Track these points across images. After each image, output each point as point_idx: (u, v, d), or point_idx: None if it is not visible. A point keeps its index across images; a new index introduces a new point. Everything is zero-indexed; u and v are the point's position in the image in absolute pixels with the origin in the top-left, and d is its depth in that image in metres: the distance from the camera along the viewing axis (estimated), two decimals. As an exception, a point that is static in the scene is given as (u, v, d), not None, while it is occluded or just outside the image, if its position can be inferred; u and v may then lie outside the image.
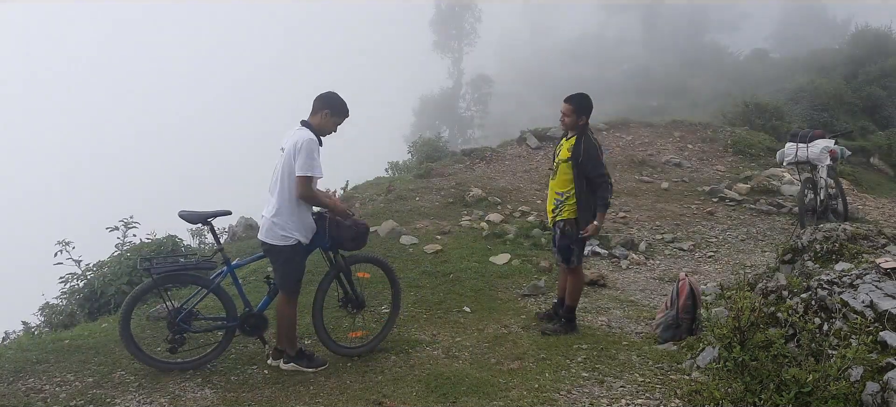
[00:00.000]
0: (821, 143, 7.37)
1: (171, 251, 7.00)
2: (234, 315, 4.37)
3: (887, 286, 3.43)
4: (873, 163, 14.00)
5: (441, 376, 4.24)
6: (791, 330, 3.53)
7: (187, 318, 4.26)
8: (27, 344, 4.81)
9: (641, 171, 10.71)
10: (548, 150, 11.62)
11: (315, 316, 4.44)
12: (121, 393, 4.03)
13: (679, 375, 4.17)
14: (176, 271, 4.24)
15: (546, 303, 5.84)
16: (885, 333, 3.10)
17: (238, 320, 4.37)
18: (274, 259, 4.26)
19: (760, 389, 3.13)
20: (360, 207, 9.10)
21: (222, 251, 4.46)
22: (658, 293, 6.16)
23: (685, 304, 4.82)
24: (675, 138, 12.44)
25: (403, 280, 6.31)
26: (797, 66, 27.63)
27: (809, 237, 4.90)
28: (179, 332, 4.22)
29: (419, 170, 10.51)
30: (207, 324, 4.55)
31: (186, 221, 4.39)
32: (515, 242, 7.46)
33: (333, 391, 4.11)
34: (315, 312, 4.44)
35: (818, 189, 7.44)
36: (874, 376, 2.92)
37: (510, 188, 9.71)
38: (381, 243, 7.28)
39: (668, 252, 7.52)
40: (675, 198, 9.57)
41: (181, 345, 4.25)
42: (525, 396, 3.92)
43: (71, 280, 6.72)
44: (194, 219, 4.38)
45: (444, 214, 8.51)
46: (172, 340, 4.20)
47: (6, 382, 4.11)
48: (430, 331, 5.17)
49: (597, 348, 4.68)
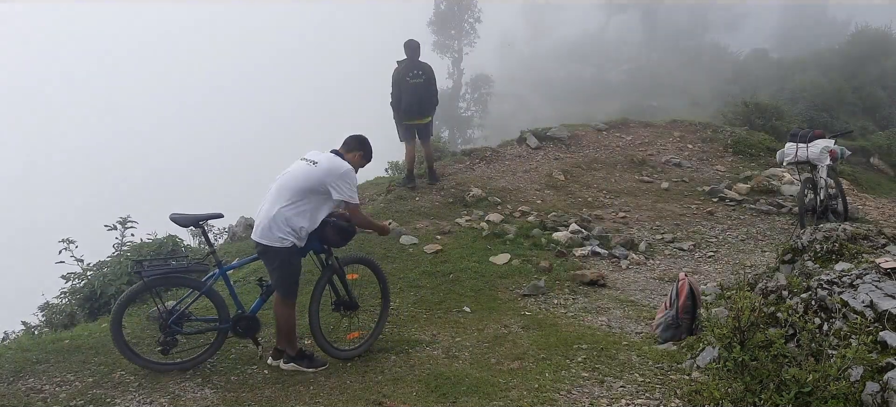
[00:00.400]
0: (821, 143, 7.37)
1: (170, 251, 7.01)
2: (226, 317, 4.37)
3: (887, 286, 3.43)
4: (873, 163, 14.00)
5: (441, 376, 4.24)
6: (791, 330, 3.53)
7: (179, 320, 4.26)
8: (27, 344, 4.81)
9: (641, 171, 10.71)
10: (548, 151, 11.62)
11: (312, 321, 4.43)
12: (121, 393, 4.03)
13: (679, 375, 4.17)
14: (167, 274, 4.24)
15: (546, 302, 5.85)
16: (885, 333, 3.10)
17: (230, 322, 4.37)
18: (270, 261, 4.26)
19: (760, 389, 3.13)
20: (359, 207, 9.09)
21: (214, 254, 4.47)
22: (658, 293, 6.16)
23: (685, 304, 4.83)
24: (675, 138, 12.44)
25: (403, 280, 6.32)
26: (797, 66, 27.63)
27: (809, 237, 4.90)
28: (171, 334, 4.22)
29: (419, 169, 10.50)
30: (199, 326, 4.54)
31: (177, 223, 4.41)
32: (515, 242, 7.46)
33: (333, 391, 4.12)
34: (312, 317, 4.42)
35: (818, 189, 7.44)
36: (874, 376, 2.92)
37: (510, 188, 9.72)
38: (381, 243, 7.28)
39: (668, 252, 7.52)
40: (675, 198, 9.57)
41: (173, 346, 4.25)
42: (525, 396, 3.92)
43: (72, 279, 6.73)
44: (185, 222, 4.39)
45: (443, 213, 8.51)
46: (164, 342, 4.20)
47: (6, 382, 4.11)
48: (430, 331, 5.18)
49: (597, 348, 4.68)
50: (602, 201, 9.38)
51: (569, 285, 6.27)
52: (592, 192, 9.76)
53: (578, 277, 6.42)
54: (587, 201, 9.33)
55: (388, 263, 6.72)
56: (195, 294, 4.36)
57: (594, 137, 12.45)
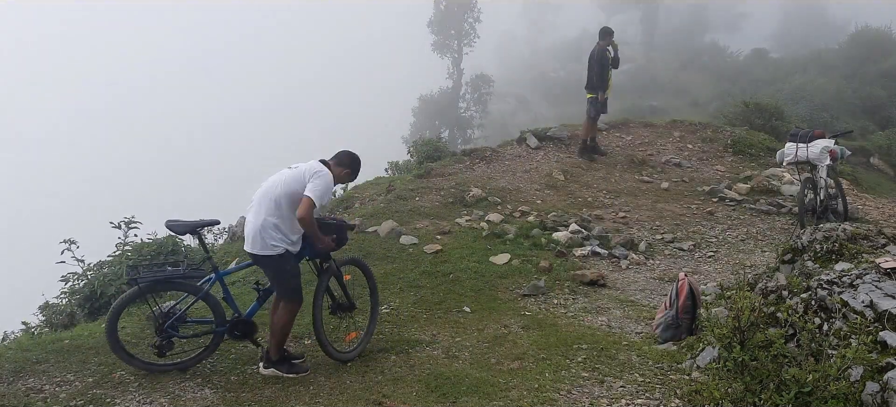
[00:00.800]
0: (821, 143, 7.37)
1: (170, 252, 7.01)
2: (222, 321, 4.36)
3: (887, 286, 3.43)
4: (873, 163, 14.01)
5: (441, 376, 4.24)
6: (791, 330, 3.53)
7: (175, 322, 4.25)
8: (27, 344, 4.81)
9: (641, 171, 10.71)
10: (548, 151, 11.62)
11: (316, 326, 4.41)
12: (121, 393, 4.03)
13: (679, 375, 4.17)
14: (162, 280, 4.23)
15: (546, 302, 5.85)
16: (884, 333, 3.10)
17: (226, 326, 4.36)
18: (265, 269, 4.26)
19: (760, 389, 3.13)
20: (359, 207, 9.11)
21: (211, 259, 4.47)
22: (658, 293, 6.16)
23: (684, 304, 4.83)
24: (675, 138, 12.44)
25: (403, 280, 6.31)
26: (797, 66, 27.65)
27: (809, 237, 4.90)
28: (167, 336, 4.22)
29: (419, 170, 10.50)
30: (196, 328, 4.53)
31: (174, 231, 4.40)
32: (515, 242, 7.46)
33: (333, 391, 4.12)
34: (316, 323, 4.40)
35: (818, 189, 7.44)
36: (874, 376, 2.92)
37: (510, 188, 9.72)
38: (381, 243, 7.29)
39: (667, 252, 7.52)
40: (675, 198, 9.57)
41: (169, 349, 4.24)
42: (525, 396, 3.92)
43: (72, 279, 6.73)
44: (182, 229, 4.37)
45: (443, 213, 8.51)
46: (160, 345, 4.20)
47: (6, 382, 4.11)
48: (430, 331, 5.17)
49: (597, 348, 4.68)
50: (602, 201, 9.38)
51: (569, 285, 6.27)
52: (592, 192, 9.76)
53: (578, 277, 6.42)
54: (587, 201, 9.33)
55: (388, 263, 6.72)
56: (191, 298, 4.36)
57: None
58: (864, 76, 22.70)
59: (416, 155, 12.46)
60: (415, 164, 12.02)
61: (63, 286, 6.79)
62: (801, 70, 25.73)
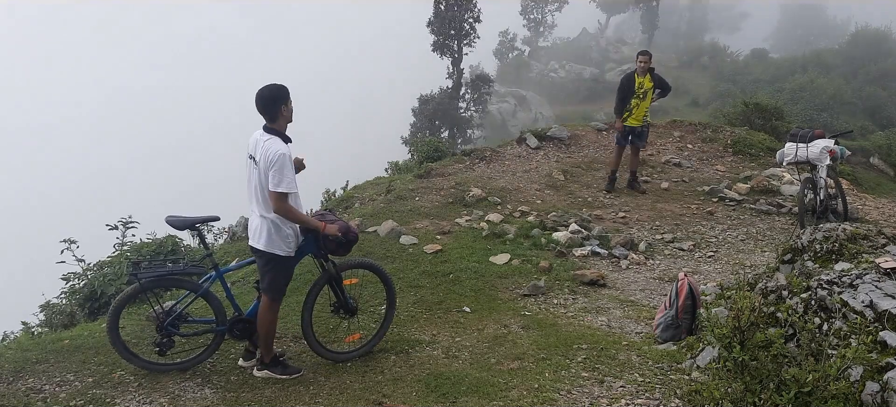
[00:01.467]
0: (821, 143, 7.37)
1: (170, 251, 7.01)
2: (223, 319, 4.35)
3: (887, 286, 3.43)
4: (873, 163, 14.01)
5: (441, 376, 4.23)
6: (791, 330, 3.53)
7: (176, 321, 4.25)
8: (27, 344, 4.81)
9: (641, 171, 10.71)
10: (548, 151, 11.62)
11: (304, 324, 4.41)
12: (121, 393, 4.03)
13: (679, 375, 4.17)
14: (162, 277, 4.23)
15: (546, 302, 5.85)
16: (884, 332, 3.10)
17: (227, 324, 4.36)
18: (263, 264, 4.23)
19: (760, 389, 3.12)
20: (359, 207, 9.11)
21: (211, 256, 4.46)
22: (658, 293, 6.16)
23: (684, 304, 4.82)
24: (674, 138, 12.45)
25: (403, 280, 6.31)
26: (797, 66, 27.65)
27: (809, 237, 4.89)
28: (168, 335, 4.22)
29: (419, 170, 10.50)
30: (196, 327, 4.53)
31: (173, 227, 4.38)
32: (515, 242, 7.46)
33: (333, 391, 4.12)
34: (304, 320, 4.40)
35: (818, 189, 7.44)
36: (874, 376, 2.92)
37: (510, 188, 9.72)
38: (381, 243, 7.29)
39: (667, 252, 7.52)
40: (675, 198, 9.57)
41: (170, 348, 4.24)
42: (525, 396, 3.92)
43: (72, 279, 6.73)
44: (181, 225, 4.36)
45: (443, 213, 8.51)
46: (161, 343, 4.20)
47: (6, 382, 4.11)
48: (430, 331, 5.17)
49: (597, 348, 4.68)
50: (602, 201, 9.38)
51: (569, 285, 6.27)
52: (592, 192, 9.76)
53: (578, 276, 6.42)
54: (587, 201, 9.33)
55: (388, 263, 6.72)
56: (191, 296, 4.35)
57: (594, 137, 12.46)
58: (864, 76, 22.73)
59: (416, 155, 12.48)
60: (415, 163, 12.03)
61: (63, 286, 6.79)
62: (801, 70, 25.72)
